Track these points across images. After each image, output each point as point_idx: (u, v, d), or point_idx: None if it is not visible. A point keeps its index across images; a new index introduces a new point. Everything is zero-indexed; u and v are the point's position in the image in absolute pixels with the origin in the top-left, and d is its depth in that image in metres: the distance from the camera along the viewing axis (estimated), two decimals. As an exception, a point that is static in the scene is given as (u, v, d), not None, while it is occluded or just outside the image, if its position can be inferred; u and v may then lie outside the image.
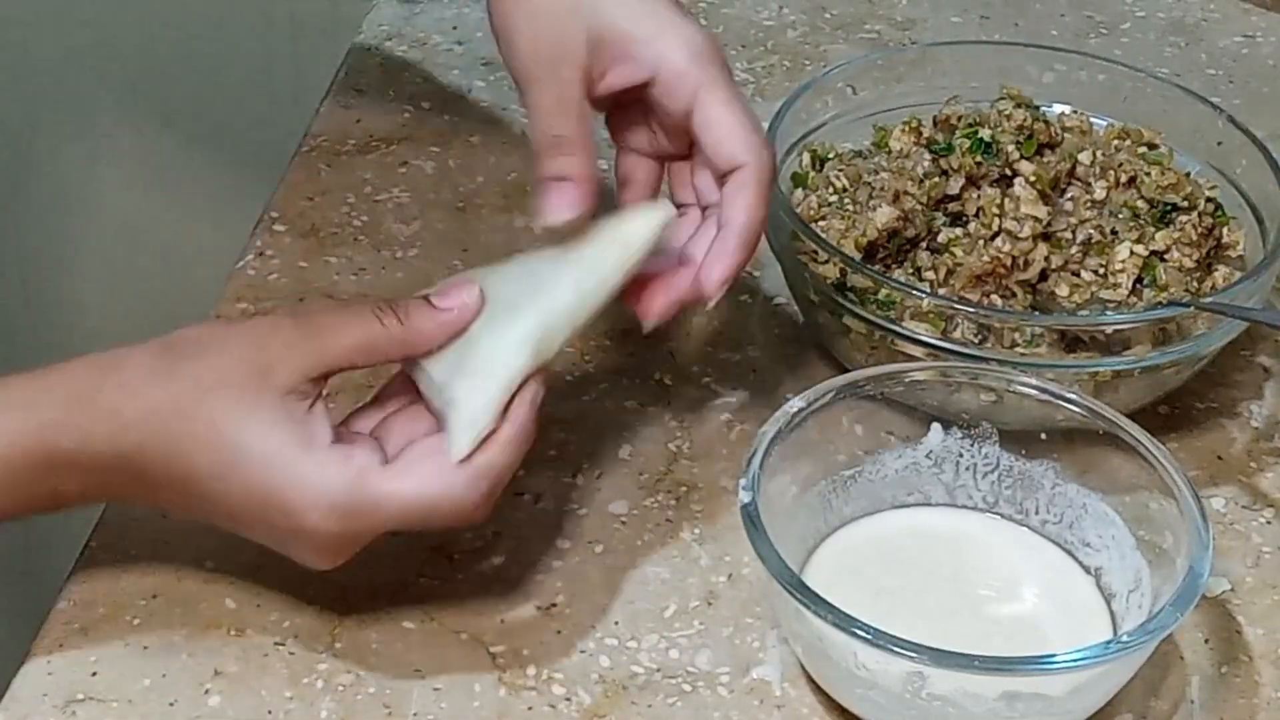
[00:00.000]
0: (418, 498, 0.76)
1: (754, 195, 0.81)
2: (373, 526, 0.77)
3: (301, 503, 0.76)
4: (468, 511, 0.77)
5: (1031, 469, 0.86)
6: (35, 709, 0.78)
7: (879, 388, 0.86)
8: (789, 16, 1.26)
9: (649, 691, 0.81)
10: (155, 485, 0.77)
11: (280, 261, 1.02)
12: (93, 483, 0.77)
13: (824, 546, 0.85)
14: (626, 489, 0.89)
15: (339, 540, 0.77)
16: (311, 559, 0.78)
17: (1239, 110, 1.05)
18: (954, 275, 0.92)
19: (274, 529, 0.77)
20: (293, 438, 0.76)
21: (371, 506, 0.76)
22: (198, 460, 0.76)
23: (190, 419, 0.76)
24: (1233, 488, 0.92)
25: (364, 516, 0.77)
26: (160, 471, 0.76)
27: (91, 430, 0.76)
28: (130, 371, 0.77)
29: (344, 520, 0.76)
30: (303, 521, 0.76)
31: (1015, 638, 0.81)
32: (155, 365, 0.77)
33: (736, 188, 0.81)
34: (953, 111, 0.99)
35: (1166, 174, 0.95)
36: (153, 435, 0.76)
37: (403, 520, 0.77)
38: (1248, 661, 0.83)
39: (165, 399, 0.76)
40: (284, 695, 0.79)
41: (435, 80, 1.17)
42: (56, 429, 0.75)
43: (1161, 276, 0.92)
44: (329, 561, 0.79)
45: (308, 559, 0.78)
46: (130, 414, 0.76)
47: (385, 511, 0.77)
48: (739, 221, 0.82)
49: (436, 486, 0.77)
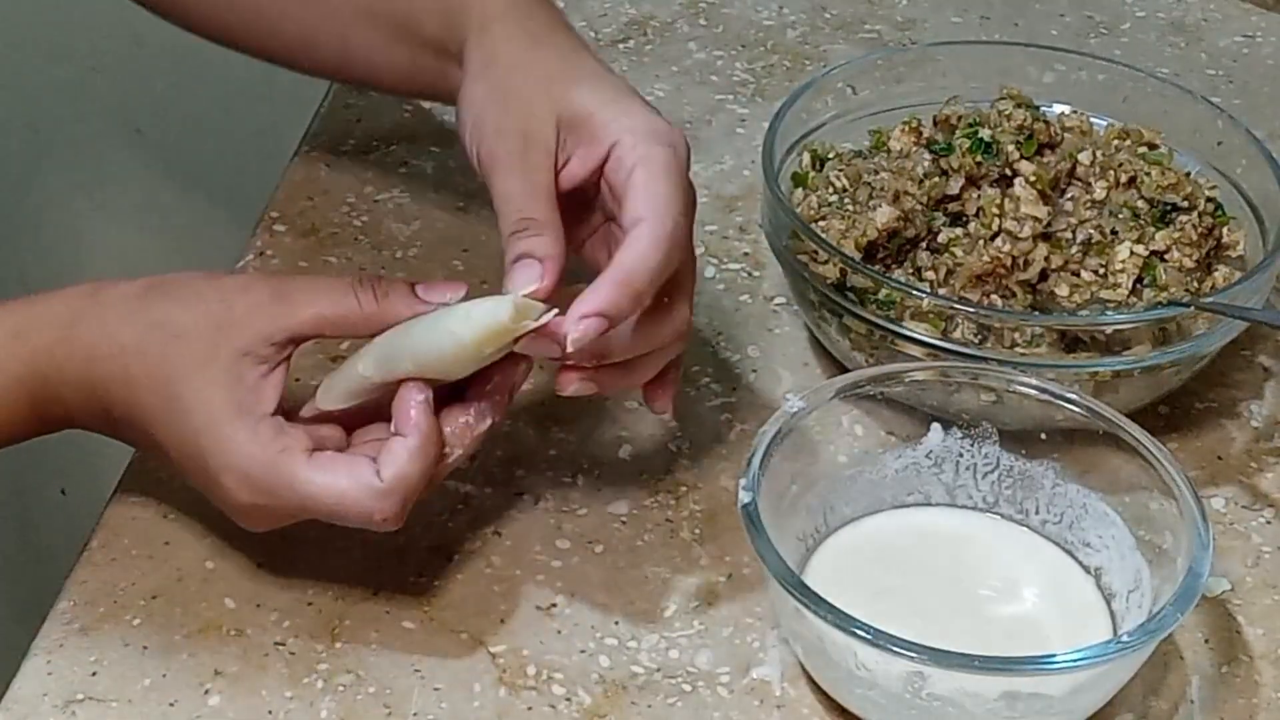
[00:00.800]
0: (326, 493, 0.77)
1: (647, 244, 0.78)
2: (283, 506, 0.78)
3: (219, 463, 0.77)
4: (376, 521, 0.78)
5: (1031, 469, 0.86)
6: (35, 709, 0.78)
7: (879, 388, 0.86)
8: (789, 16, 1.26)
9: (649, 691, 0.81)
10: (116, 421, 0.80)
11: (280, 261, 1.02)
12: (74, 410, 0.80)
13: (824, 546, 0.85)
14: (626, 489, 0.89)
15: (251, 509, 0.79)
16: (238, 518, 0.80)
17: (1239, 110, 1.05)
18: (954, 275, 0.92)
19: (204, 482, 0.79)
20: (231, 399, 0.77)
21: (283, 487, 0.77)
22: (147, 402, 0.78)
23: (148, 362, 0.78)
24: (1233, 488, 0.92)
25: (273, 494, 0.77)
26: (120, 408, 0.79)
27: (67, 361, 0.79)
28: (109, 307, 0.80)
29: (253, 493, 0.77)
30: (220, 480, 0.78)
31: (1015, 638, 0.81)
32: (132, 305, 0.79)
33: (633, 238, 0.79)
34: (953, 111, 0.99)
35: (1166, 174, 0.95)
36: (117, 372, 0.78)
37: (310, 510, 0.78)
38: (1248, 661, 0.83)
39: (131, 339, 0.78)
40: (284, 695, 0.79)
41: (435, 80, 1.17)
42: (41, 356, 0.79)
43: (1161, 276, 0.92)
44: (247, 524, 0.80)
45: (235, 517, 0.80)
46: (101, 349, 0.79)
47: (294, 496, 0.77)
48: (621, 260, 0.78)
49: (347, 488, 0.77)
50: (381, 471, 0.77)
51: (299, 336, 0.78)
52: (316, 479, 0.77)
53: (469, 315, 0.77)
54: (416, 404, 0.78)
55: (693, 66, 1.21)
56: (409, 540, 0.86)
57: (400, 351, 0.79)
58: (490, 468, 0.90)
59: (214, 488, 0.78)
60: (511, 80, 0.83)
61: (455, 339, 0.77)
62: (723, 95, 1.18)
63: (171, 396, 0.77)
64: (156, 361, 0.78)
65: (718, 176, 1.11)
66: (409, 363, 0.78)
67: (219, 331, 0.77)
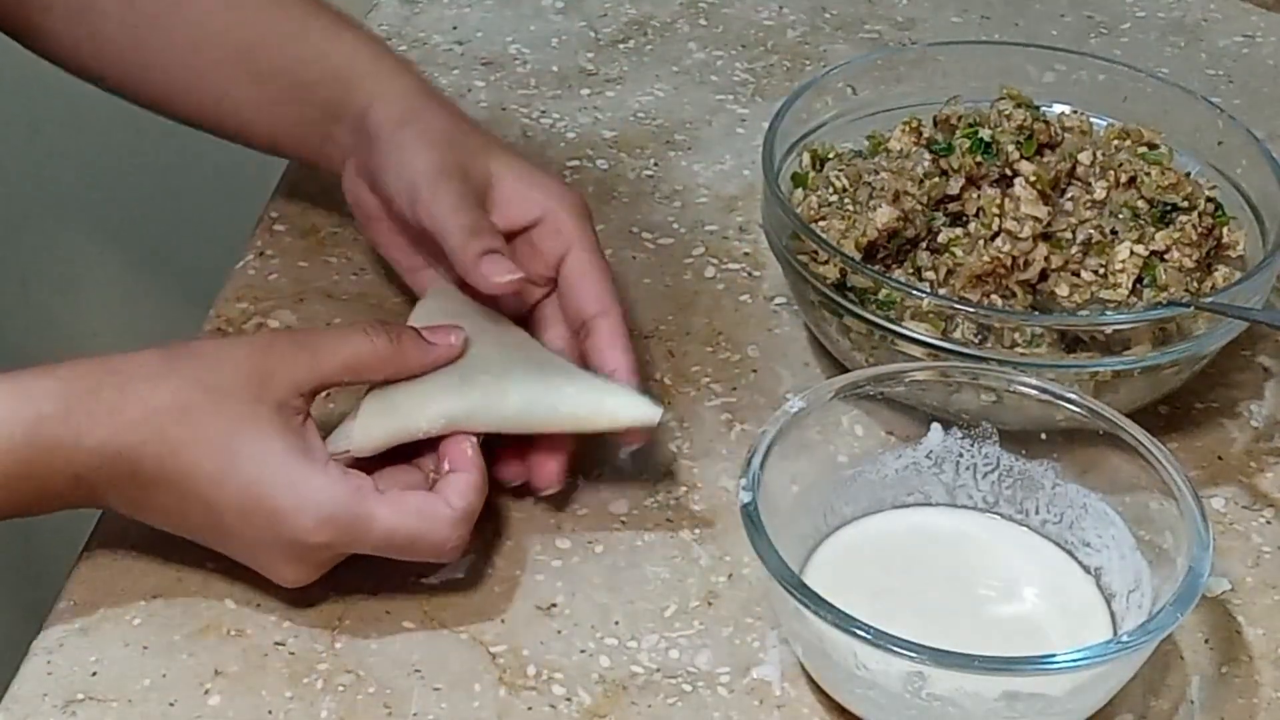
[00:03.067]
0: (405, 526, 0.79)
1: (621, 340, 0.87)
2: (357, 542, 0.79)
3: (297, 508, 0.77)
4: (447, 550, 0.81)
5: (1031, 469, 0.86)
6: (35, 709, 0.78)
7: (879, 388, 0.86)
8: (789, 16, 1.26)
9: (649, 691, 0.81)
10: (147, 484, 0.78)
11: (280, 261, 1.02)
12: (82, 481, 0.78)
13: (824, 546, 0.85)
14: (626, 489, 0.89)
15: (320, 552, 0.79)
16: (283, 570, 0.80)
17: (1239, 110, 1.05)
18: (954, 275, 0.92)
19: (257, 534, 0.79)
20: (295, 446, 0.78)
21: (364, 523, 0.79)
22: (198, 459, 0.77)
23: (192, 421, 0.77)
24: (1233, 488, 0.92)
25: (353, 530, 0.79)
26: (154, 470, 0.78)
27: (89, 426, 0.77)
28: (129, 372, 0.78)
29: (334, 531, 0.78)
30: (294, 526, 0.78)
31: (1015, 638, 0.81)
32: (155, 367, 0.79)
33: (606, 337, 0.87)
34: (953, 111, 0.99)
35: (1166, 174, 0.95)
36: (154, 434, 0.77)
37: (387, 544, 0.80)
38: (1248, 661, 0.83)
39: (168, 399, 0.77)
40: (284, 695, 0.79)
41: (435, 80, 1.17)
42: (53, 423, 0.77)
43: (1161, 276, 0.92)
44: (301, 575, 0.80)
45: (280, 570, 0.80)
46: (132, 413, 0.77)
47: (374, 532, 0.79)
48: (619, 364, 0.87)
49: (425, 521, 0.80)
50: (452, 502, 0.80)
51: (326, 384, 0.81)
52: (395, 514, 0.79)
53: (613, 405, 0.84)
54: (472, 444, 0.82)
55: (693, 66, 1.21)
56: (409, 540, 0.86)
57: (490, 410, 0.83)
58: (490, 468, 0.90)
59: (278, 538, 0.78)
60: (447, 134, 0.89)
61: (591, 416, 0.84)
62: (723, 95, 1.18)
63: (229, 450, 0.78)
64: (201, 419, 0.78)
65: (718, 176, 1.11)
66: (498, 417, 0.83)
67: (259, 384, 0.79)
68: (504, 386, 0.83)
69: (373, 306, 0.99)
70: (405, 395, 0.83)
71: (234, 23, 0.95)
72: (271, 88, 0.94)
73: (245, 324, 0.97)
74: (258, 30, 0.95)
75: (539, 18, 1.25)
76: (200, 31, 0.95)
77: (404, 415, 0.83)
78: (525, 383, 0.84)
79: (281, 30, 0.95)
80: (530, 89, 1.17)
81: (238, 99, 0.95)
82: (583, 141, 1.13)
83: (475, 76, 1.18)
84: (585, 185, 1.09)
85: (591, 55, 1.21)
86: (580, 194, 0.91)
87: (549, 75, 1.19)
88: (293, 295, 1.00)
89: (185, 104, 0.98)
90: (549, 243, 0.88)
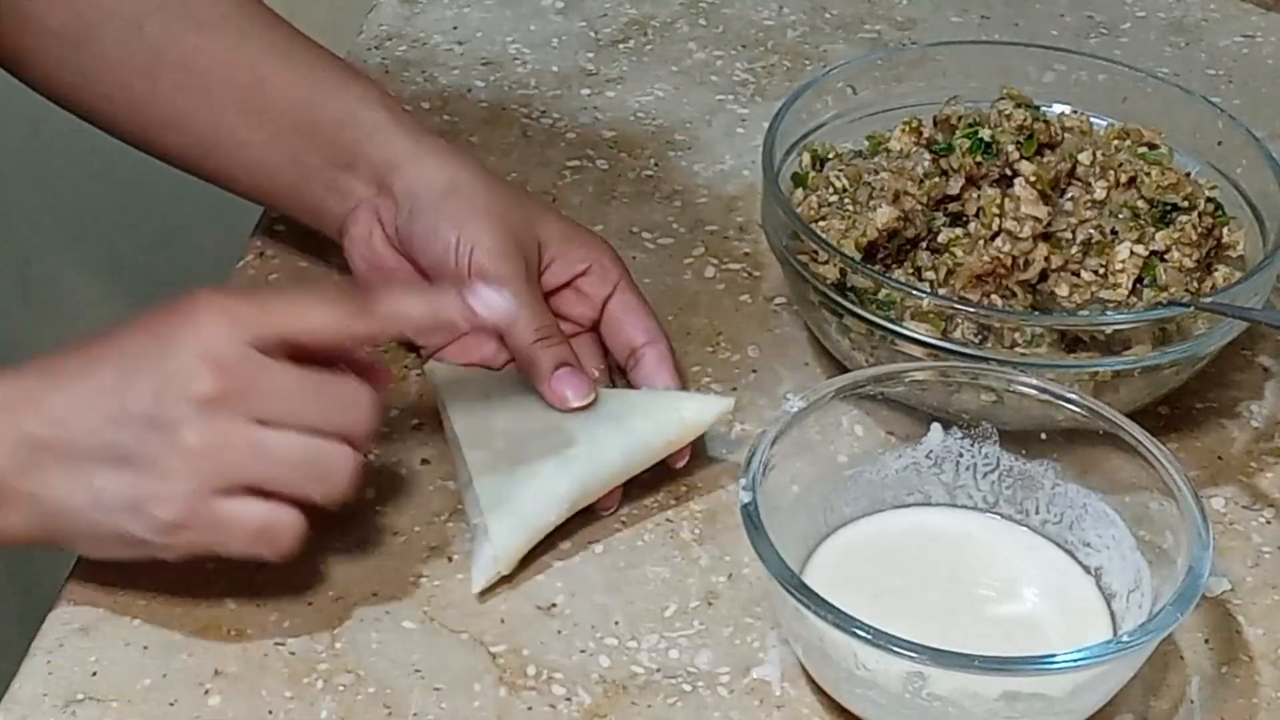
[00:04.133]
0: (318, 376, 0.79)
1: (669, 364, 0.91)
2: (252, 389, 0.77)
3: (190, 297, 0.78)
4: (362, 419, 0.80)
5: (1031, 469, 0.86)
6: (35, 709, 0.78)
7: (879, 388, 0.86)
8: (789, 16, 1.26)
9: (649, 691, 0.81)
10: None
11: (280, 261, 1.02)
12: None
13: (824, 546, 0.85)
14: (627, 489, 0.89)
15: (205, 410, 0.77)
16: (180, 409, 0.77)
17: (1239, 110, 1.05)
18: (954, 275, 0.92)
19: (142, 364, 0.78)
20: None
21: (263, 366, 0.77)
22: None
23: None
24: (1233, 488, 0.92)
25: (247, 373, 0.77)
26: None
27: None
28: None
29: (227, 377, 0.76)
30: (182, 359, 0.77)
31: (1015, 638, 0.81)
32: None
33: (654, 362, 0.91)
34: (953, 111, 0.99)
35: (1166, 174, 0.95)
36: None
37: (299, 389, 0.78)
38: (1248, 661, 0.83)
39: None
40: (284, 695, 0.80)
41: (435, 80, 1.17)
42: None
43: (1161, 276, 0.92)
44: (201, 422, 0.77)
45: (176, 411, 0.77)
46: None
47: (276, 375, 0.77)
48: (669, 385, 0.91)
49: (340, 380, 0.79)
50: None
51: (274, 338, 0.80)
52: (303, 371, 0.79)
53: (691, 410, 0.88)
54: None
55: (693, 66, 1.21)
56: (409, 540, 0.86)
57: (601, 470, 0.86)
58: (490, 468, 0.90)
59: (163, 375, 0.77)
60: (495, 207, 0.90)
61: (681, 430, 0.87)
62: (723, 95, 1.18)
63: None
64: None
65: (718, 176, 1.11)
66: (610, 472, 0.86)
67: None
68: (597, 450, 0.86)
69: (373, 306, 0.99)
70: (522, 500, 0.84)
71: (241, 60, 0.94)
72: (274, 127, 0.94)
73: (245, 324, 0.97)
74: (265, 69, 0.94)
75: (539, 18, 1.25)
76: (206, 63, 0.94)
77: (534, 519, 0.84)
78: (610, 436, 0.86)
79: (290, 72, 0.95)
80: (530, 89, 1.17)
81: (236, 137, 0.95)
82: (583, 141, 1.13)
83: (475, 76, 1.18)
84: (585, 185, 1.09)
85: (591, 55, 1.21)
86: (610, 243, 0.94)
87: (549, 75, 1.19)
88: (293, 295, 1.00)
89: (178, 139, 0.97)
90: (595, 288, 0.92)
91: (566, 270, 0.92)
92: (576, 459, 0.85)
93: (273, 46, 0.95)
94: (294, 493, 0.78)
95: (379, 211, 0.93)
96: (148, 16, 0.95)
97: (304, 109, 0.94)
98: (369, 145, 0.93)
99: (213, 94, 0.94)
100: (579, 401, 0.87)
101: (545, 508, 0.84)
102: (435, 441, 0.90)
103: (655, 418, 0.87)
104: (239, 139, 0.95)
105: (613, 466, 0.86)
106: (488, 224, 0.89)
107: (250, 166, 0.95)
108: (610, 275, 0.92)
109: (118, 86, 0.96)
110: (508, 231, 0.90)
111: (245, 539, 0.78)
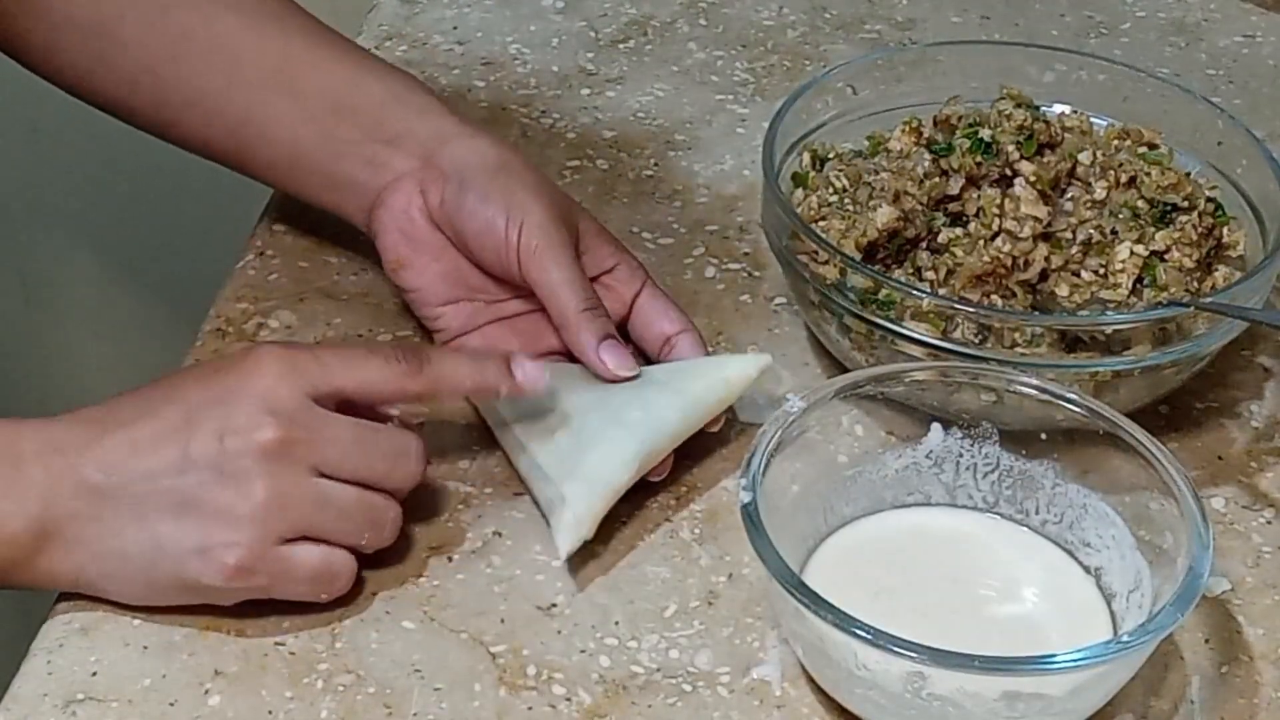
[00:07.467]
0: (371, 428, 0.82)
1: (703, 349, 0.93)
2: (315, 436, 0.79)
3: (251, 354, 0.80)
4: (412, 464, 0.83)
5: (1031, 469, 0.86)
6: (35, 709, 0.78)
7: (879, 388, 0.86)
8: (789, 16, 1.26)
9: (649, 691, 0.81)
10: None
11: (280, 261, 1.02)
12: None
13: (824, 546, 0.85)
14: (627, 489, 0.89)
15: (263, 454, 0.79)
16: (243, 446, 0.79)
17: (1239, 110, 1.05)
18: (954, 275, 0.92)
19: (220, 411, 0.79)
20: None
21: (320, 418, 0.80)
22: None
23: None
24: (1233, 488, 0.92)
25: (309, 423, 0.80)
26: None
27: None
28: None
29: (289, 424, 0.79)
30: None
31: (1015, 638, 0.81)
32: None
33: (690, 346, 0.93)
34: (953, 111, 0.99)
35: (1166, 174, 0.95)
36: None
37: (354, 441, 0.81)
38: (1248, 661, 0.83)
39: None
40: (284, 695, 0.80)
41: (435, 80, 1.17)
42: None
43: (1161, 276, 0.92)
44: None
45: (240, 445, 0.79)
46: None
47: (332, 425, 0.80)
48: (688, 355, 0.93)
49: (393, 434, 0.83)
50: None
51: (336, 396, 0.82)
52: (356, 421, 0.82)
53: (734, 369, 0.90)
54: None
55: (693, 66, 1.21)
56: (409, 540, 0.86)
57: (664, 432, 0.87)
58: (490, 468, 0.90)
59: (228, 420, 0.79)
60: (543, 186, 0.93)
61: (728, 387, 0.89)
62: (723, 95, 1.18)
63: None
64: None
65: (718, 176, 1.11)
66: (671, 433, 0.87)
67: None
68: (655, 412, 0.87)
69: (373, 306, 0.99)
70: (591, 465, 0.85)
71: (272, 43, 0.96)
72: (307, 103, 0.95)
73: (245, 324, 0.98)
74: (297, 50, 0.96)
75: (539, 18, 1.25)
76: (236, 43, 0.95)
77: (610, 477, 0.85)
78: (664, 398, 0.88)
79: (326, 56, 0.96)
80: (530, 89, 1.17)
81: (266, 113, 0.95)
82: (583, 141, 1.13)
83: (475, 76, 1.18)
84: (585, 185, 1.09)
85: (591, 55, 1.21)
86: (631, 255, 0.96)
87: (549, 75, 1.19)
88: (293, 295, 1.00)
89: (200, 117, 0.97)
90: (623, 285, 0.94)
91: (596, 264, 0.93)
92: (638, 423, 0.86)
93: (304, 31, 0.97)
94: (346, 541, 0.81)
95: (423, 183, 0.93)
96: (175, 4, 0.96)
97: (344, 89, 0.95)
98: (417, 122, 0.94)
99: (243, 72, 0.95)
100: (626, 372, 0.88)
101: (617, 469, 0.85)
102: (435, 441, 0.90)
103: (704, 377, 0.89)
104: (268, 114, 0.95)
105: (674, 425, 0.87)
106: (539, 199, 0.91)
107: (275, 141, 0.96)
108: (638, 273, 0.94)
109: (141, 70, 0.96)
110: (556, 208, 0.91)
111: (306, 582, 0.81)
